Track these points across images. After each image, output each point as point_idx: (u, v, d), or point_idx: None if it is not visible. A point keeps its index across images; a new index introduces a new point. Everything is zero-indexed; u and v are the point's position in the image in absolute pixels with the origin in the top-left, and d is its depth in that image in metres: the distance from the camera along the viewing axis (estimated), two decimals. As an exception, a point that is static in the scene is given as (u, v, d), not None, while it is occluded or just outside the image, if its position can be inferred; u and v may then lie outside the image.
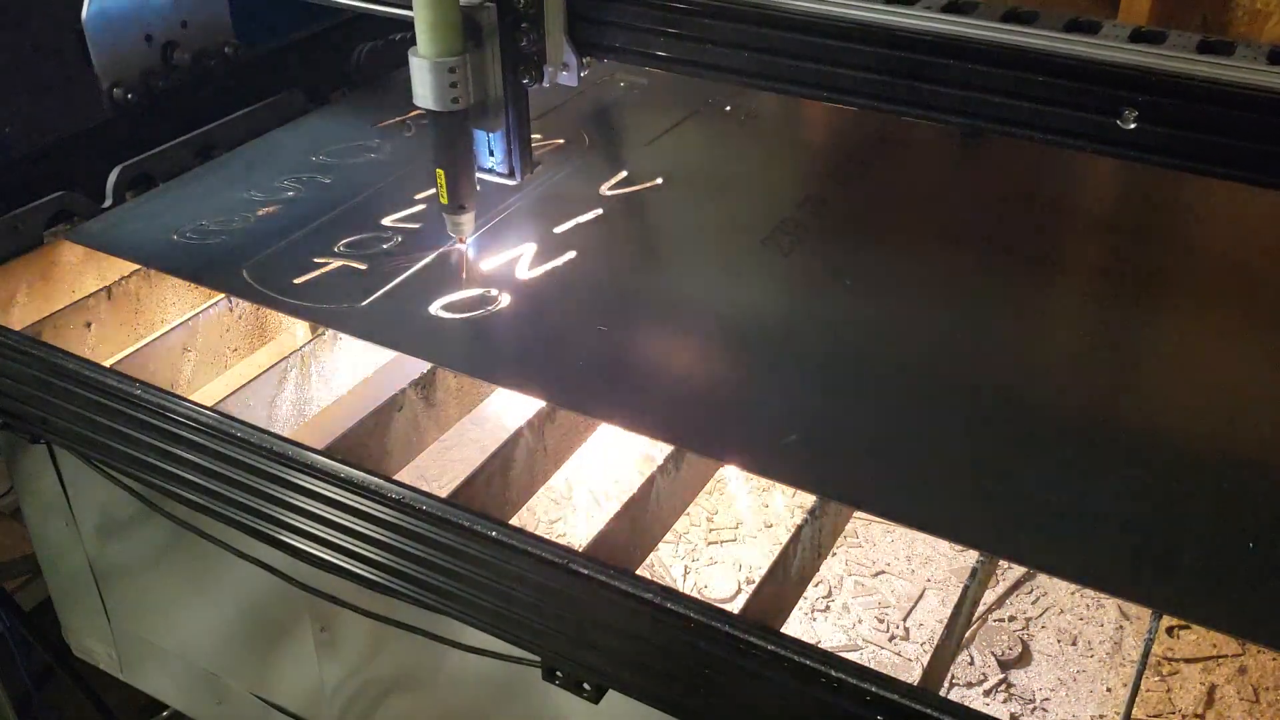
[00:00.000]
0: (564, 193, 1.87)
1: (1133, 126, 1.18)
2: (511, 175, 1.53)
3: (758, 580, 1.26)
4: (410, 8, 1.38)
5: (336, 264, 1.67)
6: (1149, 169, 1.24)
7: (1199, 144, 1.17)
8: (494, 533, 1.17)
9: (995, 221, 1.83)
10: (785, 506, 1.74)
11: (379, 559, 1.27)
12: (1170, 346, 1.53)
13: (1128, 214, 1.89)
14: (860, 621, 1.57)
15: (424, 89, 1.40)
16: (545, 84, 1.46)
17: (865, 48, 1.29)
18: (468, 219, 1.56)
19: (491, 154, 1.52)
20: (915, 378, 1.45)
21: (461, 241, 1.62)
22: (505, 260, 1.68)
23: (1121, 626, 1.55)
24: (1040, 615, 1.57)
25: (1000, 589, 1.61)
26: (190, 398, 1.37)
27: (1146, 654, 1.19)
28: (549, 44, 1.44)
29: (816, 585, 1.61)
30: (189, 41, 2.03)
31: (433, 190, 1.59)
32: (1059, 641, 1.53)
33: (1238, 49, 1.17)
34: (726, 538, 1.70)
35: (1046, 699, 1.47)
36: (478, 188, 1.55)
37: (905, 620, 1.57)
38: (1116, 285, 1.67)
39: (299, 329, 1.80)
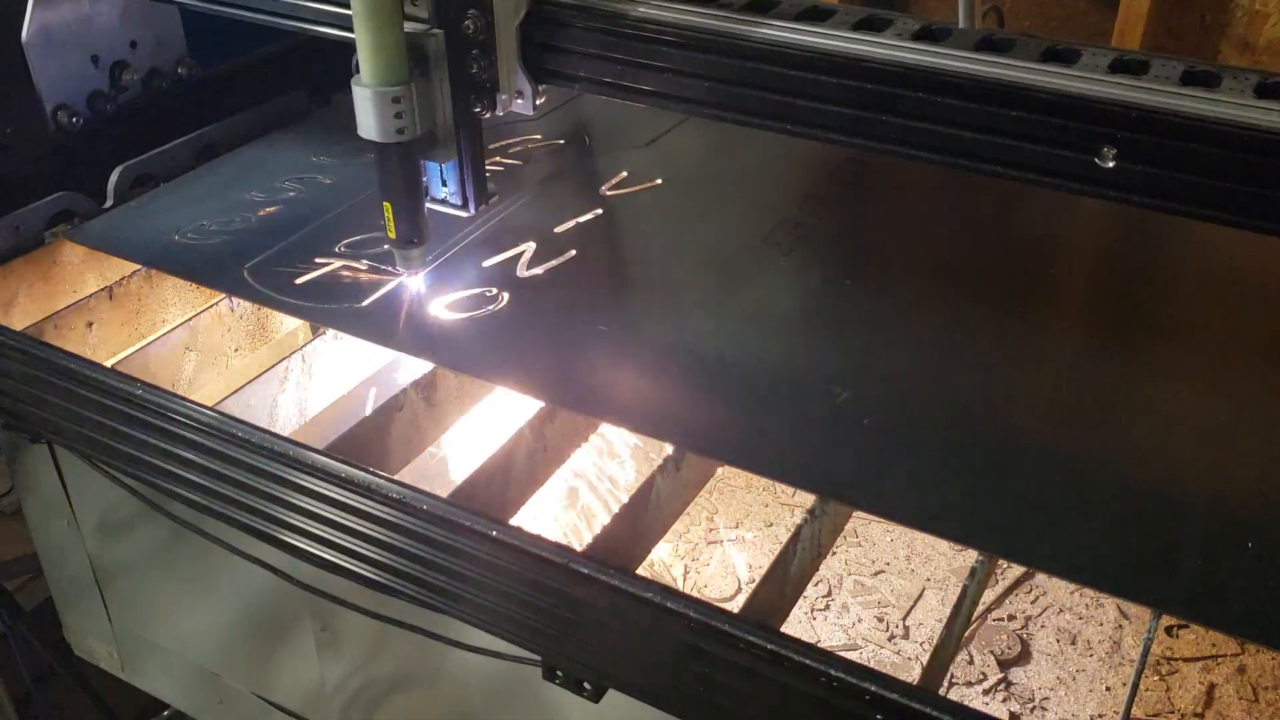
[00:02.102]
0: (564, 193, 1.87)
1: (1112, 165, 1.11)
2: (465, 206, 1.46)
3: (758, 580, 1.26)
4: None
5: (337, 264, 1.67)
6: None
7: (1182, 184, 1.10)
8: (494, 533, 1.17)
9: (998, 221, 1.83)
10: (785, 506, 1.74)
11: (379, 559, 1.27)
12: (1171, 350, 1.53)
13: (1134, 215, 1.89)
14: (860, 621, 1.57)
15: (367, 119, 1.33)
16: (499, 112, 1.39)
17: (832, 79, 1.22)
18: (417, 254, 1.48)
19: (444, 184, 1.46)
20: (916, 377, 1.45)
21: (413, 275, 1.55)
22: (505, 259, 1.68)
23: (1121, 626, 1.55)
24: (1040, 614, 1.57)
25: (1000, 588, 1.62)
26: (190, 398, 1.38)
27: (1146, 653, 1.20)
28: (502, 71, 1.35)
29: (816, 585, 1.62)
30: (139, 62, 1.94)
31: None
32: (1058, 641, 1.54)
33: (1224, 80, 1.11)
34: (727, 538, 1.70)
35: (1046, 698, 1.47)
36: (428, 219, 1.46)
37: (905, 619, 1.57)
38: (1123, 285, 1.67)
39: (299, 329, 1.80)
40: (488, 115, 1.39)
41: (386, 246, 1.50)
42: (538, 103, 1.38)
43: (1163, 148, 1.09)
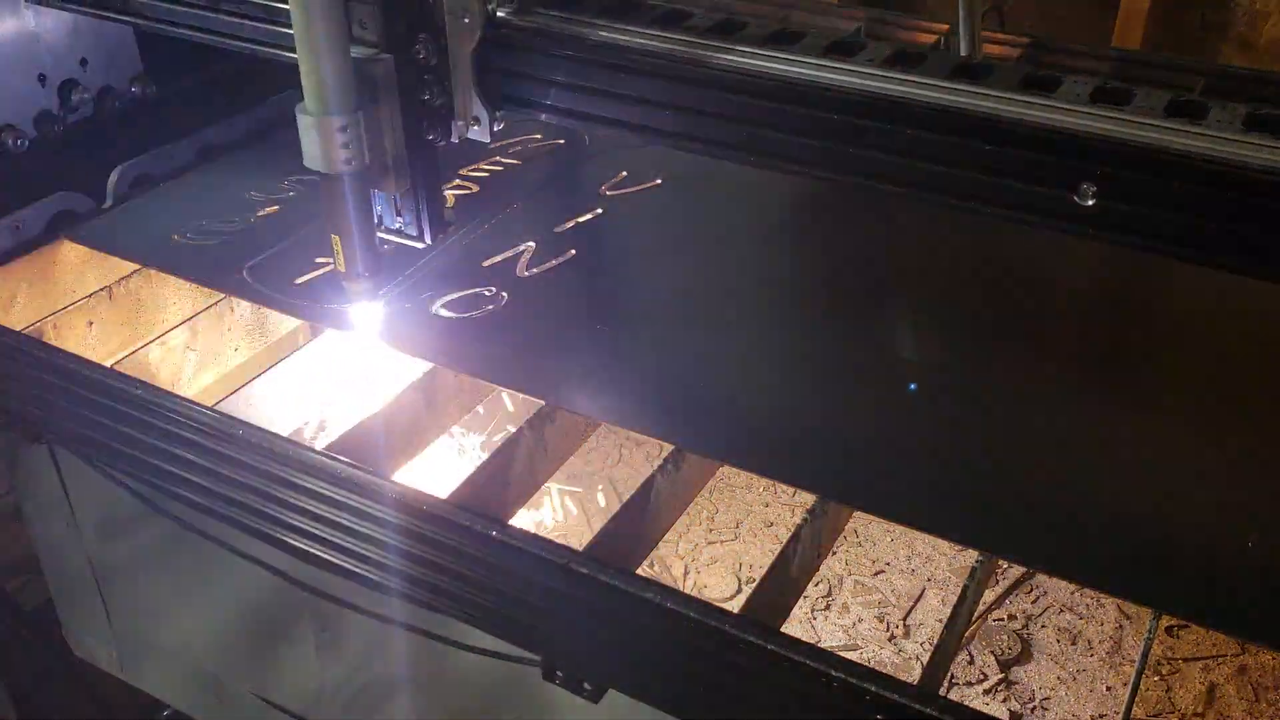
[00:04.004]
0: (564, 193, 1.87)
1: (1091, 203, 1.03)
2: (420, 238, 1.39)
3: (758, 580, 1.26)
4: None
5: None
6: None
7: (1167, 224, 1.02)
8: (494, 533, 1.17)
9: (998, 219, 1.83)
10: (785, 506, 1.74)
11: (379, 559, 1.27)
12: (1172, 359, 1.53)
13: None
14: (860, 620, 1.57)
15: (312, 149, 1.24)
16: (454, 140, 1.32)
17: (799, 109, 1.15)
18: (368, 288, 1.40)
19: (399, 214, 1.38)
20: (916, 376, 1.45)
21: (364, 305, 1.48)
22: (505, 259, 1.68)
23: (1121, 625, 1.55)
24: (1040, 614, 1.57)
25: (1000, 588, 1.61)
26: (190, 398, 1.37)
27: (1146, 653, 1.19)
28: (456, 97, 1.28)
29: (817, 585, 1.61)
30: (91, 80, 1.86)
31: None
32: (1059, 640, 1.53)
33: (1211, 112, 1.03)
34: (726, 538, 1.70)
35: (1047, 698, 1.47)
36: (382, 250, 1.39)
37: (905, 619, 1.57)
38: (1127, 295, 1.67)
39: (299, 329, 1.80)
40: (442, 143, 1.32)
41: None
42: (495, 129, 1.31)
43: (1146, 185, 1.02)
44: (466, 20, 1.24)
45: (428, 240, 1.38)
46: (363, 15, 1.24)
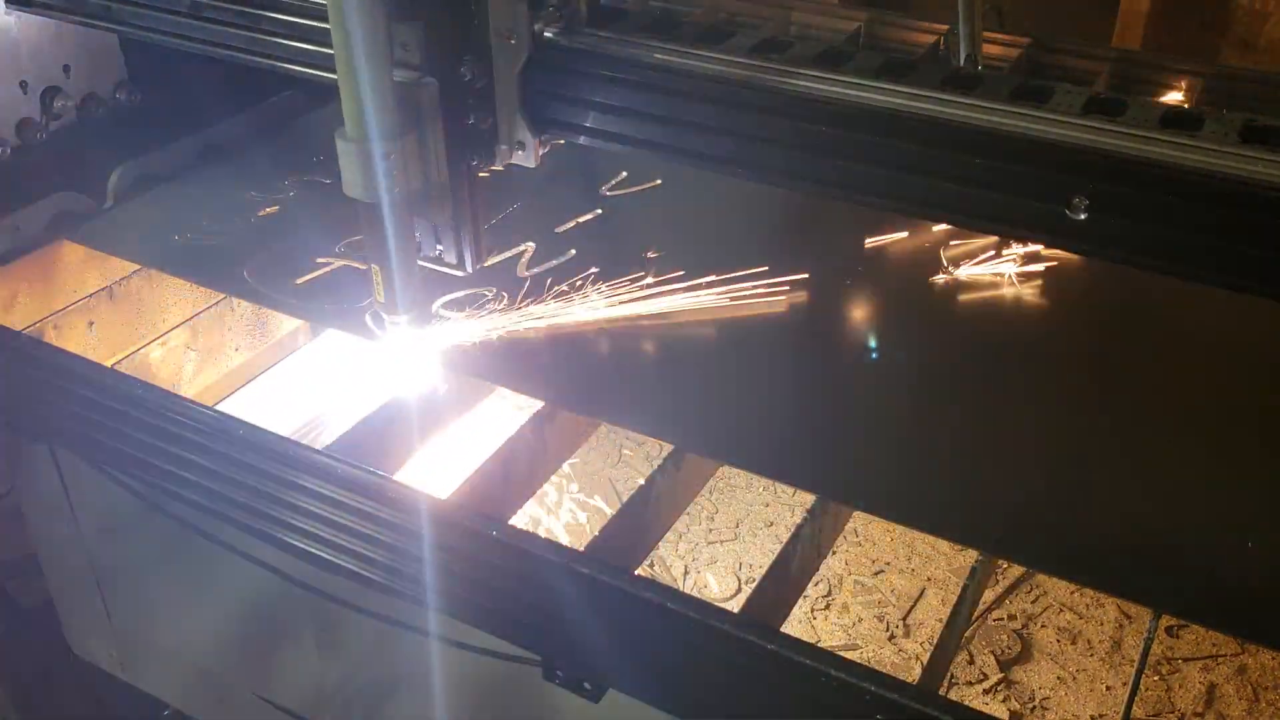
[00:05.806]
0: (564, 193, 1.87)
1: (1083, 217, 1.00)
2: (460, 265, 1.34)
3: (758, 580, 1.26)
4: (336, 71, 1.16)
5: (337, 264, 1.67)
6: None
7: (1160, 240, 0.99)
8: (494, 533, 1.17)
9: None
10: (785, 506, 1.74)
11: (379, 559, 1.27)
12: (1170, 362, 1.53)
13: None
14: (860, 620, 1.57)
15: (353, 176, 1.19)
16: (498, 165, 1.27)
17: (785, 121, 1.11)
18: (411, 319, 1.34)
19: (439, 241, 1.33)
20: (917, 376, 1.45)
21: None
22: (505, 259, 1.68)
23: (1121, 625, 1.55)
24: (1040, 614, 1.57)
25: (1000, 588, 1.61)
26: (190, 398, 1.37)
27: (1146, 653, 1.20)
28: (501, 122, 1.24)
29: (816, 585, 1.61)
30: (73, 87, 1.85)
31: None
32: (1059, 640, 1.54)
33: (1206, 123, 0.99)
34: (726, 537, 1.70)
35: (1046, 698, 1.47)
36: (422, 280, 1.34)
37: (905, 619, 1.57)
38: (1126, 296, 1.67)
39: (299, 329, 1.80)
40: (485, 171, 1.27)
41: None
42: (540, 154, 1.27)
43: (1139, 199, 0.99)
44: (513, 41, 1.20)
45: (468, 269, 1.34)
46: (405, 37, 1.19)
